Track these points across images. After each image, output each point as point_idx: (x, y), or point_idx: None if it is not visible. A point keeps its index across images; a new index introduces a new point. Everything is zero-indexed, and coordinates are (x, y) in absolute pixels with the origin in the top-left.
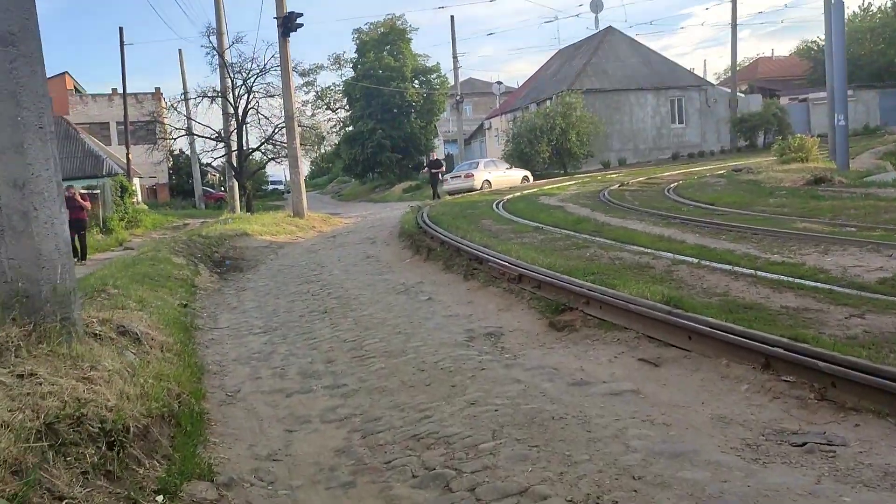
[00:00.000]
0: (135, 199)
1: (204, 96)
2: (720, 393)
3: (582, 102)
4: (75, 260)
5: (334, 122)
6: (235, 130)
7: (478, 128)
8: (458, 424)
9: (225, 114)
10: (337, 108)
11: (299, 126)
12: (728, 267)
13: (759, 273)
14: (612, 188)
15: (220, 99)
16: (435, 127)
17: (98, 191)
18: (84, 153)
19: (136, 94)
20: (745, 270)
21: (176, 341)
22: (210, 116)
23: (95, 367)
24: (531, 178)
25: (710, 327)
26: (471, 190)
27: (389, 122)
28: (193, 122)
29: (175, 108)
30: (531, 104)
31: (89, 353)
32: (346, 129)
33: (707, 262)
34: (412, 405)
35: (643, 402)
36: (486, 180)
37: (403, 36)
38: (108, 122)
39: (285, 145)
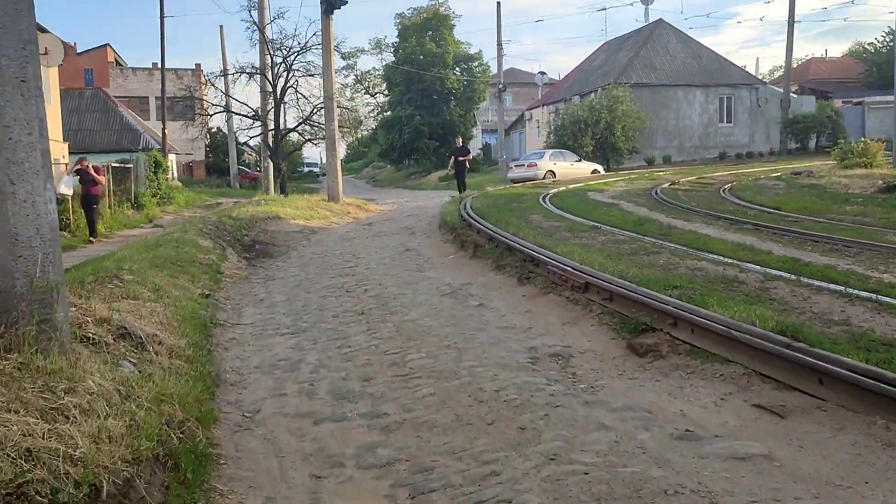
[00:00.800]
0: (168, 176)
1: (242, 72)
2: (888, 470)
3: (629, 96)
4: (91, 239)
5: (372, 107)
6: (273, 109)
7: (518, 118)
8: (537, 491)
9: (263, 92)
10: (376, 93)
11: (338, 108)
12: (838, 288)
13: (880, 297)
14: (663, 186)
15: (258, 76)
16: (474, 116)
17: (130, 165)
18: (122, 127)
19: (175, 70)
20: (860, 293)
21: (189, 344)
22: (247, 94)
23: (73, 389)
24: (602, 170)
25: (851, 370)
26: (533, 179)
27: (428, 109)
28: (231, 100)
29: (212, 84)
30: (575, 96)
31: (72, 366)
32: (385, 114)
33: (807, 280)
34: (472, 453)
35: (781, 474)
36: (550, 171)
37: (447, 22)
38: (148, 97)
39: (323, 126)
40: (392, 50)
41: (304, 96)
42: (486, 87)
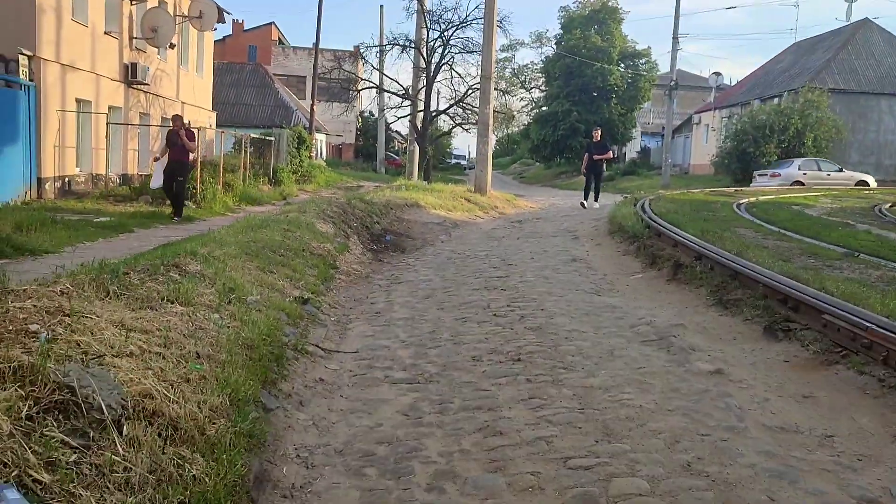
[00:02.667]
0: (312, 154)
1: (395, 44)
2: None
3: (826, 102)
4: (176, 218)
5: (526, 102)
6: (424, 88)
7: (684, 122)
8: None
9: (415, 68)
10: (531, 88)
11: (495, 90)
12: None
13: None
14: (884, 206)
15: (411, 50)
16: (634, 116)
17: (272, 138)
18: (276, 103)
19: (334, 51)
20: None
21: (225, 406)
22: (398, 70)
23: None
24: (873, 183)
25: None
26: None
27: (586, 105)
28: (383, 77)
29: (364, 58)
30: (754, 100)
31: None
32: (539, 109)
33: None
34: None
35: None
36: (798, 181)
37: (614, 15)
38: (305, 77)
39: (476, 110)
40: (554, 42)
41: (459, 74)
42: (651, 87)
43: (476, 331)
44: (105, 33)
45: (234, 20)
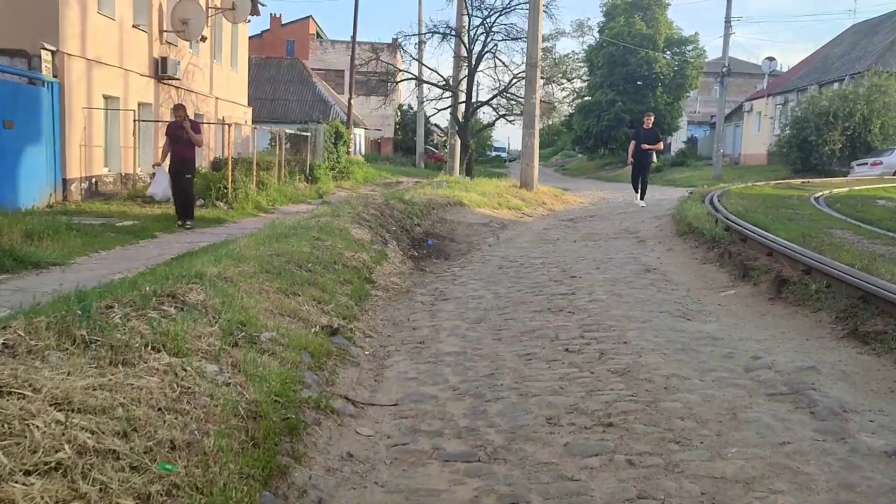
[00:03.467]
0: (350, 149)
1: (435, 33)
2: None
3: (895, 86)
4: (179, 223)
5: (568, 92)
6: (465, 78)
7: (734, 110)
8: None
9: (456, 57)
10: (573, 78)
11: (541, 78)
12: None
13: None
14: None
15: (452, 39)
16: (681, 106)
17: (308, 133)
18: (314, 98)
19: (372, 43)
20: None
21: None
22: (438, 62)
23: None
24: None
25: None
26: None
27: (631, 95)
28: (422, 68)
29: (402, 48)
30: (811, 85)
31: None
32: (583, 98)
33: None
34: None
35: None
36: None
37: (660, 1)
38: (344, 71)
39: (521, 100)
40: (597, 29)
41: (504, 63)
42: (698, 74)
43: (546, 374)
44: (133, 26)
45: (271, 14)
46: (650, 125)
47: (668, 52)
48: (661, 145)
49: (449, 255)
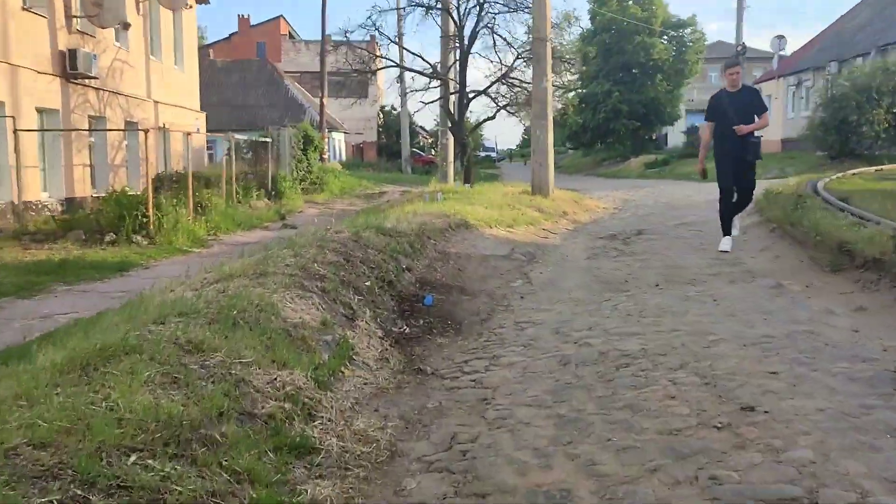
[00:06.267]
0: (325, 156)
1: (418, 5)
2: None
3: None
4: None
5: (557, 86)
6: (457, 62)
7: None
8: None
9: (444, 37)
10: (561, 71)
11: (555, 57)
12: None
13: None
14: None
15: (438, 12)
16: (681, 93)
17: (268, 139)
18: (287, 102)
19: (349, 41)
20: None
21: None
22: (421, 42)
23: None
24: None
25: None
26: None
27: (628, 85)
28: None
29: (379, 30)
30: (830, 62)
31: None
32: (577, 91)
33: None
34: None
35: None
36: None
37: None
38: (319, 72)
39: (527, 86)
40: (589, 17)
41: (503, 38)
42: (699, 59)
43: None
44: (24, 9)
45: (239, 15)
46: (739, 84)
47: (665, 37)
48: (766, 118)
49: (460, 323)
